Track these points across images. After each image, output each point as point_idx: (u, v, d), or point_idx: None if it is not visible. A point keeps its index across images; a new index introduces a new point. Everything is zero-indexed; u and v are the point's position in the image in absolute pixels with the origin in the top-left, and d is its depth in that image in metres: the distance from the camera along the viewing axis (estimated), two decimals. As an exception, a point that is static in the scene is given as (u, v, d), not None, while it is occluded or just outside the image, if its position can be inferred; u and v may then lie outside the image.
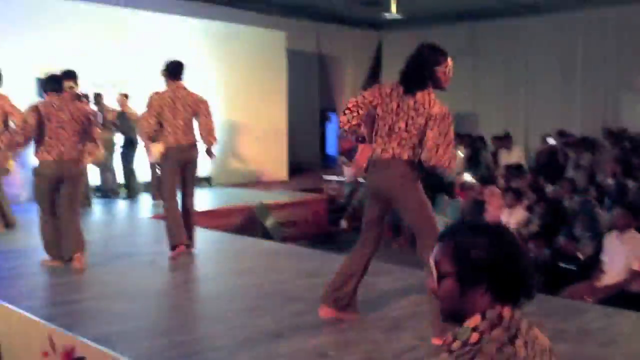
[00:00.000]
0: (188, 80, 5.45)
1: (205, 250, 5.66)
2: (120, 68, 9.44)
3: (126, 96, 8.92)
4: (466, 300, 1.46)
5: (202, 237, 5.88)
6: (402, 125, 3.33)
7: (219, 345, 3.37)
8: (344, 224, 9.07)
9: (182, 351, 3.25)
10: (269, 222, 7.30)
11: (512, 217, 6.50)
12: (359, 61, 14.47)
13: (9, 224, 6.41)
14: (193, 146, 5.36)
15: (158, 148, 5.27)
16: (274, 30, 12.08)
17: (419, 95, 3.33)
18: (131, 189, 8.90)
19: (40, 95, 5.79)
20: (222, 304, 4.15)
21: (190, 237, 5.41)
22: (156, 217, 7.10)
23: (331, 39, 13.72)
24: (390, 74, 14.75)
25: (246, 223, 7.31)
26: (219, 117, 10.99)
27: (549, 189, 7.59)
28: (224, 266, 5.36)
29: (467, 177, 8.33)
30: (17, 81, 7.41)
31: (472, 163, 10.11)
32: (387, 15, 10.68)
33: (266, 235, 6.95)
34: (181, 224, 5.25)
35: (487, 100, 13.26)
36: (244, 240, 6.34)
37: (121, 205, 8.57)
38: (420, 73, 3.34)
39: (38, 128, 4.77)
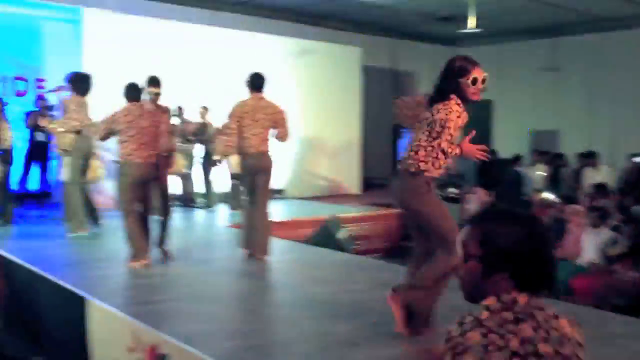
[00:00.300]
0: (267, 94, 5.75)
1: (279, 259, 5.80)
2: (202, 82, 9.87)
3: (206, 109, 9.30)
4: (487, 283, 1.51)
5: (276, 246, 6.04)
6: (417, 136, 3.36)
7: (294, 351, 3.46)
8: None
9: (258, 354, 3.37)
10: (342, 235, 7.38)
11: (597, 237, 6.31)
12: (434, 77, 14.38)
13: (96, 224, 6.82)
14: (267, 155, 5.63)
15: (234, 158, 5.59)
16: (349, 46, 12.26)
17: (435, 106, 3.33)
18: (209, 199, 9.23)
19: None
20: (298, 311, 4.25)
21: (263, 244, 5.61)
22: (233, 226, 7.34)
23: (406, 54, 13.77)
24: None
25: (318, 235, 7.41)
26: (294, 131, 11.27)
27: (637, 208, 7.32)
28: (299, 275, 5.48)
29: (548, 194, 8.14)
30: (107, 94, 7.92)
31: (552, 181, 9.87)
32: (463, 30, 10.63)
33: (338, 247, 7.03)
34: (253, 231, 5.62)
35: (569, 117, 12.92)
36: (317, 251, 6.45)
37: (199, 214, 8.89)
38: (442, 84, 3.36)
39: (123, 133, 5.26)
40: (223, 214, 8.85)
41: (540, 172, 10.29)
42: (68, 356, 4.66)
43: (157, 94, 5.64)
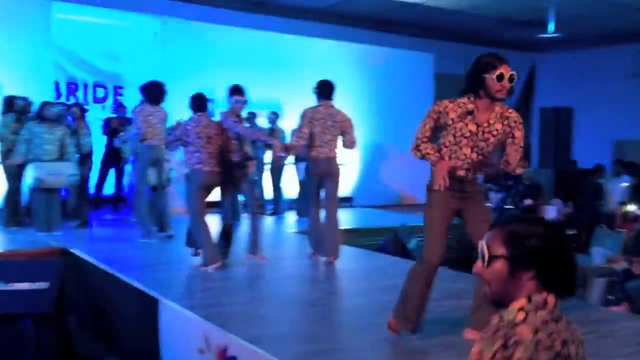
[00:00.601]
0: (335, 101, 5.86)
1: (348, 266, 5.82)
2: (274, 89, 10.07)
3: (276, 115, 9.46)
4: (513, 283, 1.55)
5: (345, 253, 6.06)
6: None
7: (363, 357, 3.46)
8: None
9: (327, 359, 3.39)
10: (412, 244, 7.32)
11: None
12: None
13: (164, 231, 7.03)
14: (336, 161, 5.80)
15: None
16: (421, 52, 12.19)
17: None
18: (278, 206, 9.36)
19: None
20: (368, 317, 4.24)
21: (334, 249, 5.71)
22: (301, 232, 7.42)
23: (480, 61, 13.54)
24: (545, 96, 14.28)
25: (387, 243, 7.38)
26: (364, 138, 11.30)
27: None
28: (368, 282, 5.48)
29: (632, 207, 7.78)
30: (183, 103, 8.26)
31: (636, 193, 9.44)
32: (543, 35, 10.35)
33: (409, 257, 6.97)
34: (323, 234, 5.76)
35: (656, 126, 12.35)
36: (387, 259, 6.43)
37: (268, 220, 9.03)
38: (467, 81, 3.36)
39: (191, 143, 5.52)
40: (291, 220, 8.95)
41: (623, 184, 9.86)
42: (140, 356, 4.82)
43: (245, 102, 5.68)
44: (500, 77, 3.22)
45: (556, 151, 13.95)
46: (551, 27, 9.96)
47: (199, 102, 5.66)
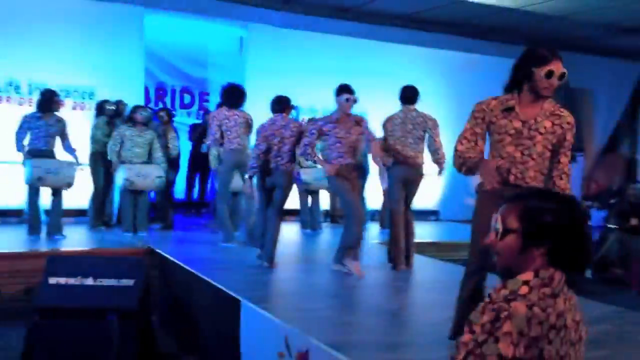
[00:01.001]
0: (421, 108, 6.01)
1: (432, 278, 5.76)
2: (362, 95, 10.11)
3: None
4: (524, 258, 1.63)
5: (430, 265, 6.00)
6: None
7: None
8: (589, 273, 8.46)
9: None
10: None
11: None
12: (614, 95, 13.50)
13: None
14: (422, 167, 5.94)
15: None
16: (513, 60, 11.91)
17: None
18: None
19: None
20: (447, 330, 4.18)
21: (407, 256, 5.88)
22: (382, 243, 7.40)
23: (581, 69, 12.97)
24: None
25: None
26: (451, 149, 11.13)
27: None
28: (450, 295, 5.38)
29: None
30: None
31: None
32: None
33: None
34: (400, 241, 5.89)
35: None
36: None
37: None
38: (513, 72, 3.23)
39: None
40: (373, 231, 8.93)
41: None
42: (220, 358, 4.94)
43: (355, 100, 5.63)
44: (549, 74, 3.08)
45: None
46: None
47: (278, 104, 5.98)
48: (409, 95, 5.94)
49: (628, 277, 7.79)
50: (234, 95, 6.93)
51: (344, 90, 5.61)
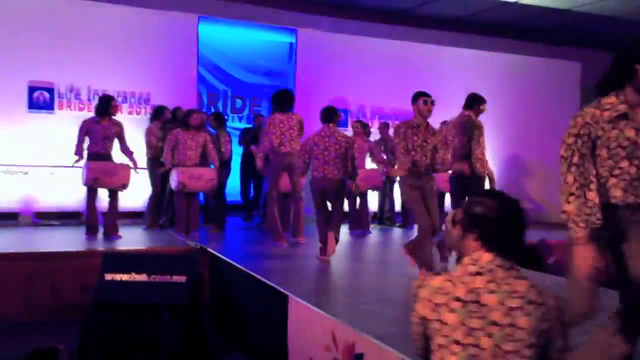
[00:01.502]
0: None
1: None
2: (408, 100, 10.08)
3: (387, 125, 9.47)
4: (463, 244, 2.03)
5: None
6: None
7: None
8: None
9: None
10: (551, 260, 6.97)
11: None
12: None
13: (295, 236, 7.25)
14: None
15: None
16: (566, 62, 11.65)
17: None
18: (406, 218, 9.29)
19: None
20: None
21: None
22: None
23: (636, 71, 12.66)
24: None
25: (525, 259, 7.06)
26: (504, 152, 10.97)
27: None
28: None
29: None
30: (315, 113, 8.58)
31: None
32: None
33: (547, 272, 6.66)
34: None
35: None
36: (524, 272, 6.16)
37: (396, 233, 9.00)
38: (610, 72, 2.74)
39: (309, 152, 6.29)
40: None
41: None
42: (267, 353, 4.99)
43: (433, 102, 5.50)
44: None
45: None
46: None
47: (322, 115, 6.36)
48: (471, 101, 6.40)
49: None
50: (285, 99, 7.06)
51: (420, 94, 5.51)
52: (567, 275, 3.04)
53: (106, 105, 7.28)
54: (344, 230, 8.59)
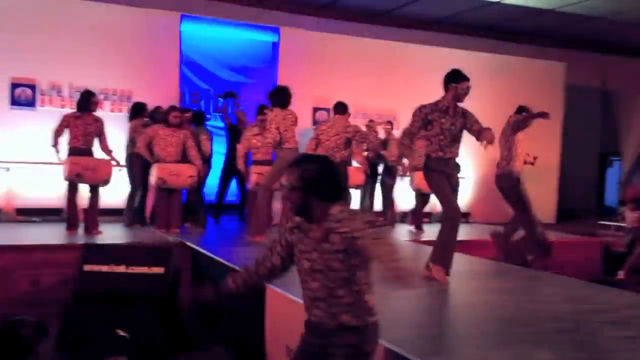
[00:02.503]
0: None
1: (462, 269, 5.77)
2: (389, 98, 10.21)
3: (391, 124, 9.55)
4: (306, 203, 2.52)
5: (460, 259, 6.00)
6: None
7: (474, 344, 3.42)
8: (621, 274, 8.31)
9: (433, 343, 3.43)
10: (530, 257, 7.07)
11: None
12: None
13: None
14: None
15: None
16: (551, 62, 11.81)
17: None
18: (387, 216, 9.35)
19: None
20: (478, 313, 4.20)
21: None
22: (413, 241, 7.61)
23: (620, 73, 12.81)
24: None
25: (503, 256, 7.16)
26: (487, 152, 11.07)
27: None
28: (481, 284, 5.41)
29: None
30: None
31: None
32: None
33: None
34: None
35: None
36: (504, 266, 6.29)
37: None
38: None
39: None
40: (401, 230, 8.96)
41: None
42: (246, 344, 5.03)
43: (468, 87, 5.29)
44: None
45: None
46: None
47: (338, 108, 7.16)
48: None
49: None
50: (284, 95, 7.07)
51: (462, 77, 5.15)
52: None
53: (87, 101, 7.31)
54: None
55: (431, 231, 8.53)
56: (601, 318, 4.04)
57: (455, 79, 5.12)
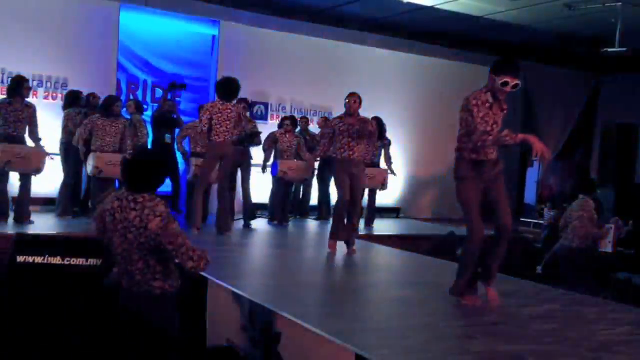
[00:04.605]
0: (385, 109, 6.03)
1: (394, 264, 5.88)
2: (325, 95, 10.25)
3: (327, 120, 9.59)
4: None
5: (395, 256, 6.10)
6: None
7: (410, 336, 3.47)
8: (539, 269, 8.68)
9: (379, 335, 3.48)
10: (460, 252, 7.27)
11: None
12: (571, 103, 13.85)
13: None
14: None
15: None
16: (477, 66, 12.16)
17: None
18: (324, 211, 9.40)
19: None
20: (413, 307, 4.28)
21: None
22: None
23: (540, 77, 13.32)
24: (608, 117, 13.91)
25: (434, 251, 7.36)
26: (412, 150, 11.32)
27: None
28: (413, 277, 5.53)
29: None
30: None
31: None
32: (610, 49, 10.12)
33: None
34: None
35: None
36: (436, 261, 6.46)
37: (312, 225, 9.12)
38: None
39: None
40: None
41: None
42: (186, 338, 4.94)
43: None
44: None
45: (618, 169, 13.61)
46: (617, 43, 9.77)
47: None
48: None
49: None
50: (226, 89, 6.96)
51: (510, 66, 4.15)
52: None
53: (18, 86, 6.96)
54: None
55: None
56: (527, 311, 4.21)
57: (500, 68, 4.13)
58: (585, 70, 13.73)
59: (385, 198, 10.55)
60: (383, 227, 9.21)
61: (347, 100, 6.23)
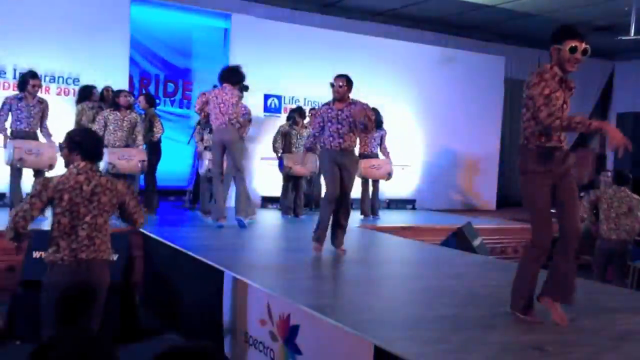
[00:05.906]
0: (402, 100, 5.89)
1: (410, 256, 5.86)
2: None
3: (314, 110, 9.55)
4: (72, 159, 3.52)
5: (409, 246, 6.09)
6: None
7: (428, 327, 3.45)
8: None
9: (389, 328, 3.47)
10: (477, 242, 7.24)
11: None
12: (587, 91, 13.71)
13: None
14: None
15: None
16: (492, 56, 12.08)
17: None
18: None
19: None
20: (430, 298, 4.27)
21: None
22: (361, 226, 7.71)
23: (555, 67, 13.23)
24: (622, 104, 13.77)
25: (453, 240, 7.32)
26: (431, 140, 11.27)
27: None
28: (433, 269, 5.51)
29: None
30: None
31: None
32: (624, 37, 10.03)
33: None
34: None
35: None
36: (452, 252, 6.43)
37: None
38: None
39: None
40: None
41: None
42: (202, 331, 4.96)
43: None
44: None
45: (634, 158, 13.44)
46: (632, 30, 9.67)
47: None
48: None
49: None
50: (223, 71, 6.96)
51: (577, 34, 3.54)
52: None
53: (23, 83, 6.99)
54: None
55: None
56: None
57: (563, 36, 3.54)
58: (601, 58, 13.58)
59: (401, 189, 10.53)
60: (398, 218, 9.20)
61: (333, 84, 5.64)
